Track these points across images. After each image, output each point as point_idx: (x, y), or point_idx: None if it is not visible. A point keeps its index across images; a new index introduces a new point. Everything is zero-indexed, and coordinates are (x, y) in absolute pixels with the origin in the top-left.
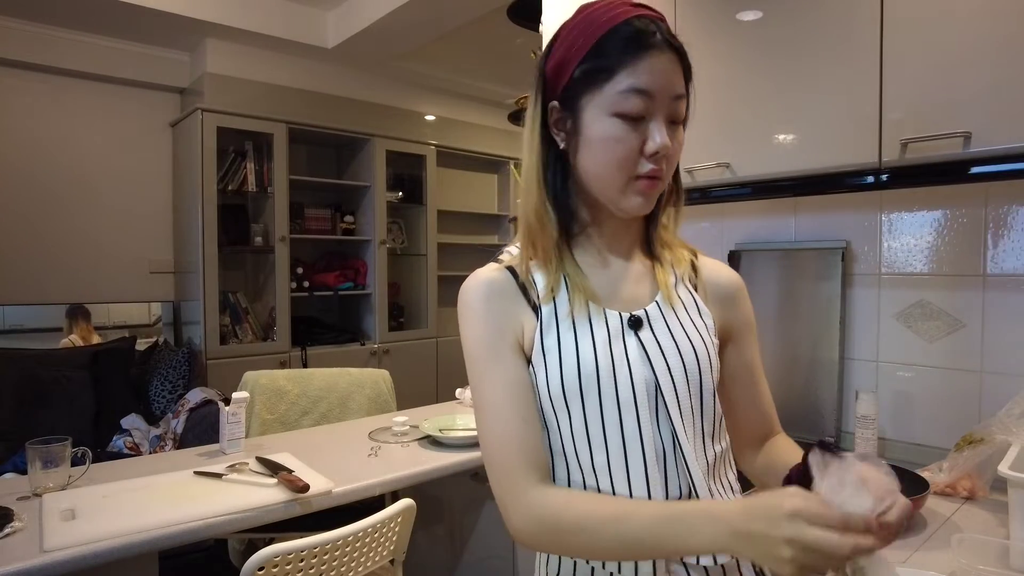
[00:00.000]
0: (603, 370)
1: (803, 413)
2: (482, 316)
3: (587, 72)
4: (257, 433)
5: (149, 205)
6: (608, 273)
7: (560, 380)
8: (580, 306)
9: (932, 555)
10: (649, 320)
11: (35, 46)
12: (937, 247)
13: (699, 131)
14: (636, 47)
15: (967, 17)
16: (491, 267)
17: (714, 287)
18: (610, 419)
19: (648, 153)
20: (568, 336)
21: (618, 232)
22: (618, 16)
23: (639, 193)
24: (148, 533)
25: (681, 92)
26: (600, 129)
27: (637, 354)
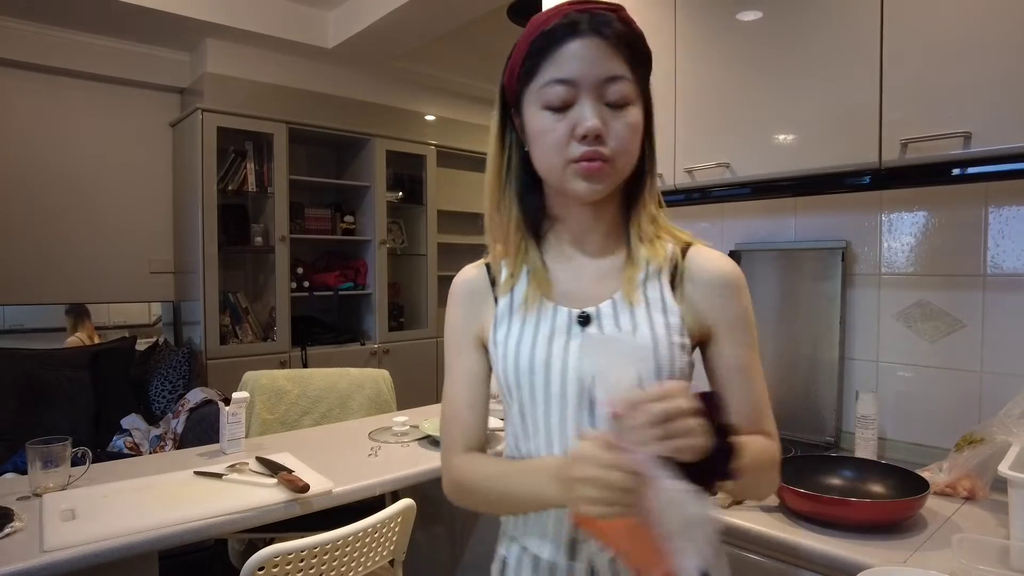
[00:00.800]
0: (538, 365)
1: (803, 413)
2: (453, 312)
3: (523, 74)
4: (257, 433)
5: (149, 205)
6: (572, 268)
7: (505, 371)
8: (532, 301)
9: (932, 555)
10: (600, 318)
11: (35, 46)
12: (937, 247)
13: (699, 131)
14: (555, 41)
15: (967, 17)
16: (472, 264)
17: (700, 281)
18: (541, 411)
19: (577, 135)
20: (515, 329)
21: (588, 225)
22: (551, 19)
23: (579, 176)
24: (148, 533)
25: (614, 74)
26: (535, 124)
27: (576, 351)
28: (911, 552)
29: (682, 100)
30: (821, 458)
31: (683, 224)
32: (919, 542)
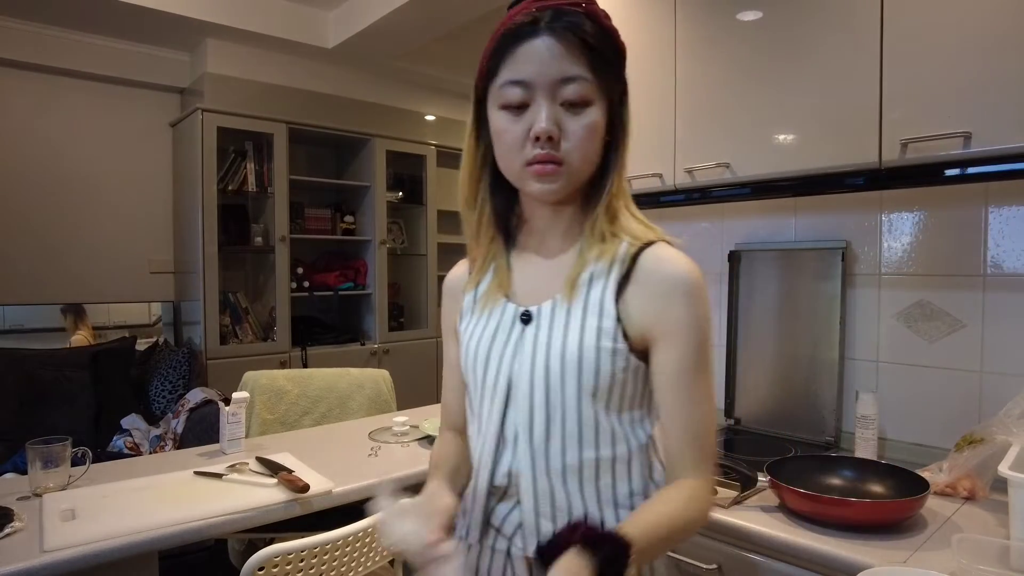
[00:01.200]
0: (481, 359)
1: (803, 413)
2: (442, 307)
3: (485, 75)
4: (257, 433)
5: (149, 205)
6: (531, 265)
7: (460, 362)
8: (489, 297)
9: (932, 555)
10: (539, 317)
11: (35, 46)
12: (937, 247)
13: (699, 131)
14: (511, 42)
15: (967, 17)
16: (457, 264)
17: (646, 282)
18: (479, 404)
19: (531, 137)
20: (470, 325)
21: (548, 223)
22: (516, 16)
23: (534, 178)
24: (148, 533)
25: (570, 75)
26: (494, 124)
27: (514, 348)
28: (911, 552)
29: (682, 100)
30: (821, 458)
31: (683, 224)
32: (919, 542)
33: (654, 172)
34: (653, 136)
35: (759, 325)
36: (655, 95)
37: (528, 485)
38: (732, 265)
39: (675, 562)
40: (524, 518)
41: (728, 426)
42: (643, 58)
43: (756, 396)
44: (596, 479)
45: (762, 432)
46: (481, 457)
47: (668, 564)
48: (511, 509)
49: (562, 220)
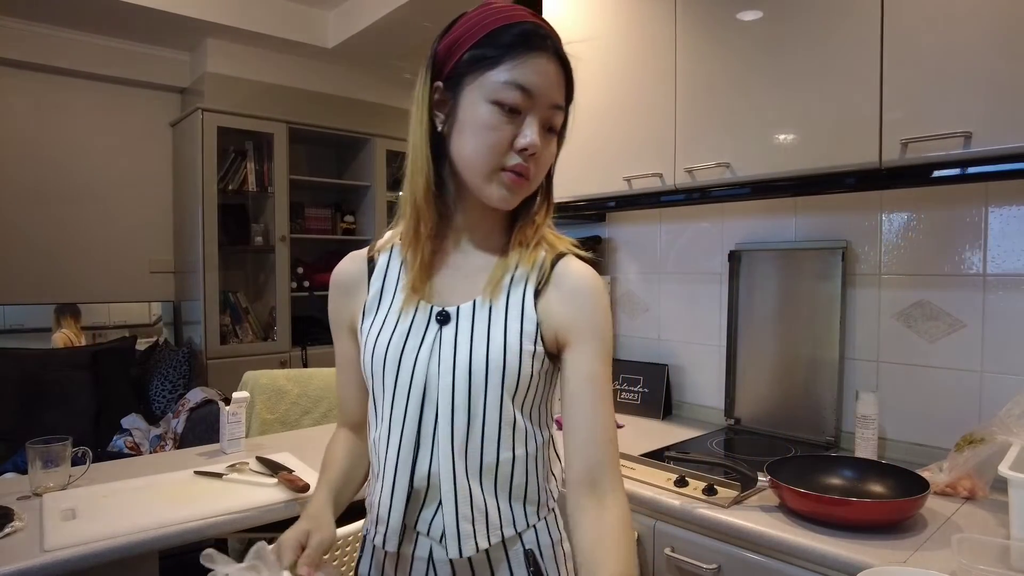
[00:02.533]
0: (390, 359)
1: (803, 413)
2: (330, 302)
3: (475, 57)
4: (257, 433)
5: (149, 205)
6: (454, 261)
7: (364, 360)
8: (399, 295)
9: (932, 555)
10: (458, 318)
11: (35, 46)
12: (937, 247)
13: (699, 131)
14: (525, 44)
15: (967, 16)
16: (350, 255)
17: (561, 288)
18: (388, 402)
19: (518, 147)
20: (379, 320)
21: (477, 220)
22: (516, 17)
23: (503, 185)
24: (148, 533)
25: (560, 103)
26: (477, 114)
27: (429, 348)
28: (911, 552)
29: (682, 100)
30: (821, 458)
31: (683, 224)
32: (919, 542)
33: (654, 172)
34: (653, 136)
35: (759, 325)
36: (655, 95)
37: (449, 487)
38: (732, 265)
39: (675, 562)
40: (446, 520)
41: (728, 426)
42: (643, 58)
43: (756, 396)
44: (510, 477)
45: (762, 432)
46: (397, 460)
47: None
48: (434, 513)
49: (488, 220)
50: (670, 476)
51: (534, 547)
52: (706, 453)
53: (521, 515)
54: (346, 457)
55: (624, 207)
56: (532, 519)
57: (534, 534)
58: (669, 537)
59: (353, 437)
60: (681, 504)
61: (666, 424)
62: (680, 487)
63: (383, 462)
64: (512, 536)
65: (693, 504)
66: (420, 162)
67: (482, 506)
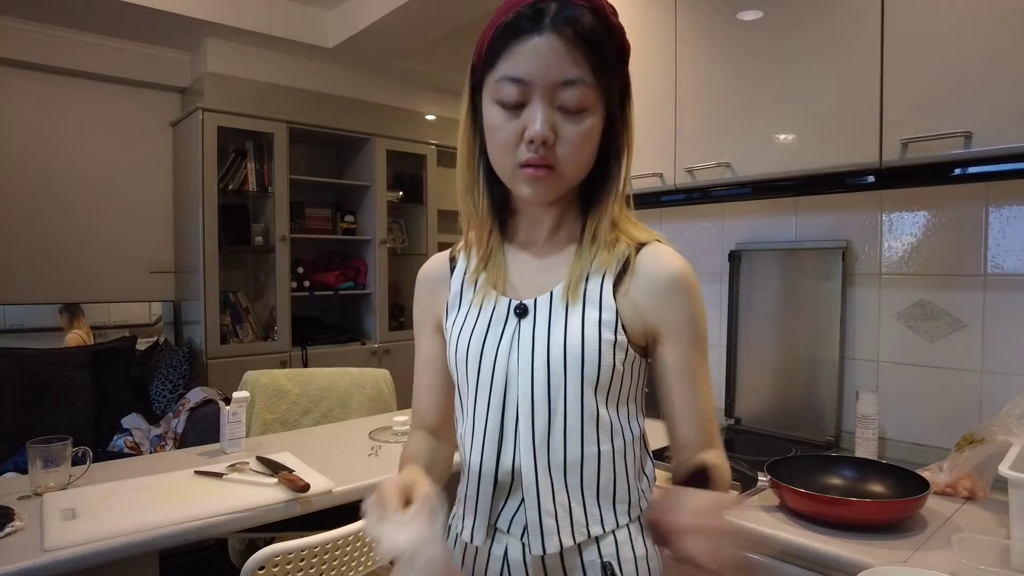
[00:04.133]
0: (474, 352)
1: (803, 413)
2: (416, 301)
3: (483, 63)
4: (257, 433)
5: (150, 205)
6: (522, 259)
7: (449, 355)
8: (480, 290)
9: (933, 555)
10: (535, 310)
11: (35, 46)
12: (937, 247)
13: (699, 131)
14: (513, 35)
15: (968, 16)
16: (434, 256)
17: (645, 279)
18: (473, 397)
19: (526, 139)
20: (462, 316)
21: (539, 219)
22: (519, 4)
23: (524, 181)
24: (148, 533)
25: (571, 78)
26: (488, 117)
27: (509, 341)
28: (911, 552)
29: (683, 100)
30: (821, 458)
31: (684, 224)
32: (919, 542)
33: (654, 172)
34: (653, 135)
35: (759, 325)
36: (656, 94)
37: (531, 481)
38: (732, 265)
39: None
40: (529, 516)
41: (728, 426)
42: (644, 57)
43: (756, 396)
44: (596, 474)
45: (762, 432)
46: (482, 455)
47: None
48: (517, 509)
49: (555, 216)
50: (670, 476)
51: (613, 560)
52: None
53: (610, 514)
54: (424, 451)
55: None
56: (623, 519)
57: (614, 545)
58: None
59: (430, 437)
60: None
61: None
62: None
63: (469, 456)
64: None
65: None
66: (462, 169)
67: (565, 503)
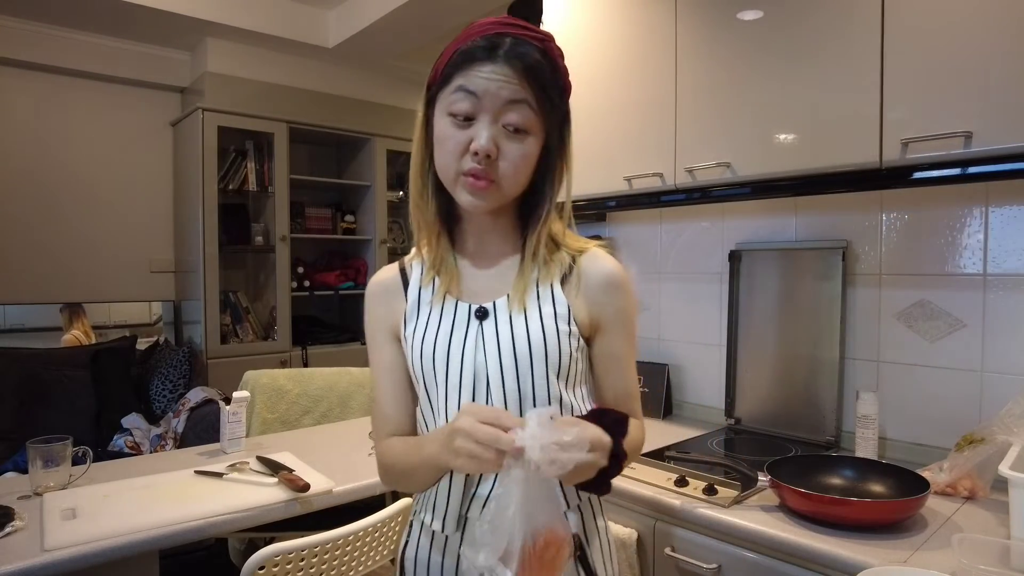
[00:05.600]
0: (440, 356)
1: (803, 413)
2: (368, 313)
3: (440, 79)
4: (258, 432)
5: (150, 204)
6: (472, 265)
7: (413, 362)
8: (438, 296)
9: (933, 555)
10: (495, 312)
11: (36, 45)
12: (937, 247)
13: (699, 130)
14: (469, 60)
15: (968, 16)
16: (386, 267)
17: (586, 279)
18: (444, 399)
19: (472, 151)
20: (422, 323)
21: (487, 228)
22: (479, 32)
23: (466, 189)
24: (149, 532)
25: (517, 97)
26: (438, 128)
27: (474, 342)
28: (911, 552)
29: (683, 99)
30: (821, 458)
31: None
32: (919, 542)
33: (654, 171)
34: (653, 135)
35: (759, 325)
36: (656, 94)
37: None
38: (732, 265)
39: (675, 562)
40: None
41: (728, 426)
42: (644, 57)
43: (756, 396)
44: None
45: (762, 432)
46: None
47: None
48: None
49: (500, 225)
50: (670, 476)
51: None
52: (706, 453)
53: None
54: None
55: (624, 207)
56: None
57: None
58: (669, 537)
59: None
60: (681, 504)
61: (666, 424)
62: (680, 487)
63: None
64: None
65: (693, 504)
66: (413, 177)
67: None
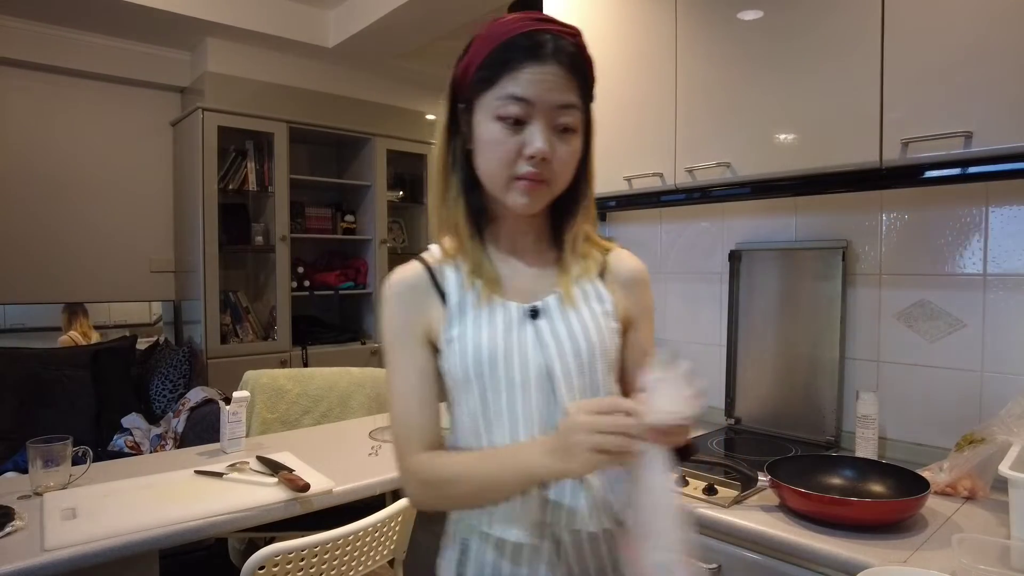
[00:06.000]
0: (501, 357)
1: (803, 413)
2: (393, 313)
3: (480, 79)
4: (258, 432)
5: (150, 204)
6: (513, 264)
7: (464, 365)
8: (485, 296)
9: (933, 555)
10: (546, 310)
11: (36, 45)
12: (937, 247)
13: (699, 130)
14: (518, 57)
15: (968, 16)
16: (408, 265)
17: (617, 276)
18: (507, 401)
19: (526, 155)
20: (473, 325)
21: (523, 229)
22: (515, 29)
23: (520, 192)
24: (149, 532)
25: (568, 102)
26: (485, 132)
27: (533, 341)
28: (911, 552)
29: (683, 99)
30: (821, 458)
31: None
32: (919, 542)
33: (654, 171)
34: (653, 135)
35: (759, 325)
36: (656, 94)
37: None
38: (732, 265)
39: None
40: (595, 496)
41: (728, 425)
42: (644, 57)
43: (756, 396)
44: None
45: (762, 432)
46: None
47: None
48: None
49: (535, 227)
50: None
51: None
52: (706, 452)
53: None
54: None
55: (624, 207)
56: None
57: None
58: None
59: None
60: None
61: None
62: (680, 486)
63: None
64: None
65: (693, 504)
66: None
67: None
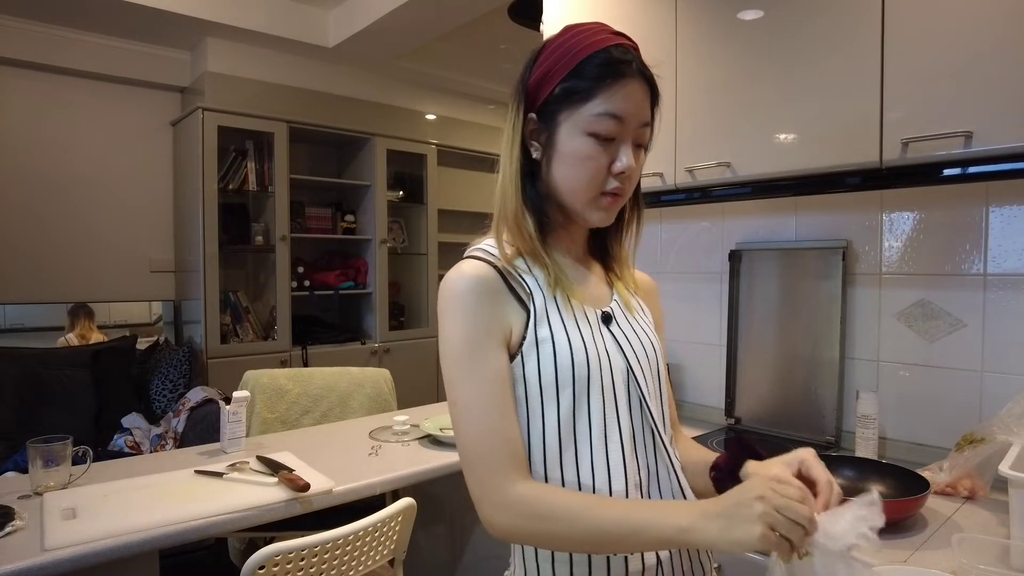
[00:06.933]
0: (594, 359)
1: (803, 413)
2: (470, 311)
3: (566, 91)
4: (258, 432)
5: (150, 204)
6: (575, 272)
7: (552, 370)
8: (564, 301)
9: (933, 554)
10: (615, 316)
11: (36, 45)
12: (937, 247)
13: (699, 130)
14: (614, 74)
15: (969, 16)
16: (474, 263)
17: (644, 291)
18: (599, 407)
19: (615, 172)
20: (560, 328)
21: (577, 237)
22: (600, 42)
23: (603, 208)
24: (149, 532)
25: (648, 119)
26: (574, 146)
27: (613, 346)
28: (911, 552)
29: (683, 99)
30: (821, 457)
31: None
32: (919, 542)
33: (654, 171)
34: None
35: (759, 325)
36: None
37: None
38: (732, 265)
39: None
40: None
41: (728, 425)
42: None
43: (756, 395)
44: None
45: (762, 431)
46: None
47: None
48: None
49: (585, 234)
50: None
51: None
52: None
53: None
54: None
55: None
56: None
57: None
58: None
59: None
60: None
61: None
62: None
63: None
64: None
65: None
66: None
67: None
